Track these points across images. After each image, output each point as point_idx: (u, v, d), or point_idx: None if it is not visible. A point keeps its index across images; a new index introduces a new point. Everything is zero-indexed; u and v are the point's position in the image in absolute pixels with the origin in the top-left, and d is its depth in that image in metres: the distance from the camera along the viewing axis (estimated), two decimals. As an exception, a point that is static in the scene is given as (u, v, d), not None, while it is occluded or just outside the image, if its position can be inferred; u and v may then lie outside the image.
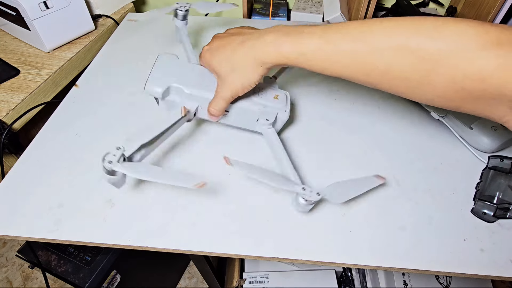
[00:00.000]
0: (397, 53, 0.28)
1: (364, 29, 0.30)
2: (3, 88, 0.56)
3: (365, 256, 0.35)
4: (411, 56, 0.27)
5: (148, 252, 0.37)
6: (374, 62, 0.29)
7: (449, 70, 0.26)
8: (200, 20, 0.71)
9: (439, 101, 0.29)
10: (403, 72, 0.28)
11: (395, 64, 0.28)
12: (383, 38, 0.28)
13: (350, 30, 0.30)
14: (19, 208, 0.39)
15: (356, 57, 0.30)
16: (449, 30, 0.26)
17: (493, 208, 0.38)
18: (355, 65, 0.30)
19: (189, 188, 0.30)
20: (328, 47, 0.31)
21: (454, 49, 0.26)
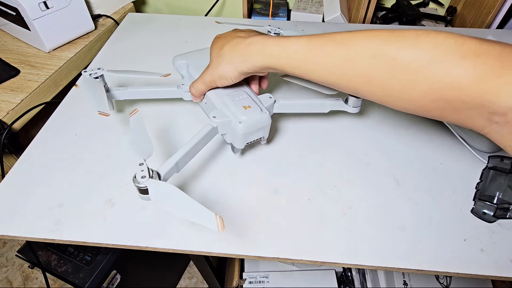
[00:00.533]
0: (376, 59, 0.28)
1: (347, 36, 0.30)
2: (3, 88, 0.56)
3: (365, 256, 0.35)
4: (390, 63, 0.27)
5: (148, 252, 0.37)
6: (356, 68, 0.30)
7: (427, 79, 0.26)
8: (200, 20, 0.71)
9: (420, 111, 0.29)
10: (382, 79, 0.28)
11: (375, 71, 0.28)
12: (363, 43, 0.29)
13: (335, 37, 0.31)
14: (19, 208, 0.39)
15: (338, 62, 0.30)
16: (428, 39, 0.26)
17: (493, 208, 0.38)
18: (338, 70, 0.31)
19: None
20: (313, 51, 0.32)
21: (432, 58, 0.26)
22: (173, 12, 0.94)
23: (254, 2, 0.82)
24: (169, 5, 0.93)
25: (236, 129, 0.38)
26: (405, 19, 0.75)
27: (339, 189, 0.41)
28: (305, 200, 0.40)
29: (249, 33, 0.38)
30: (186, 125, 0.49)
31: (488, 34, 0.55)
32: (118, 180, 0.42)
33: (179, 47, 0.63)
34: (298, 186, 0.41)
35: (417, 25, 0.76)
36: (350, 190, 0.41)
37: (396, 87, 0.28)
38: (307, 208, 0.39)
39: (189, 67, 0.46)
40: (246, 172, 0.43)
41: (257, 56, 0.35)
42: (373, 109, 0.51)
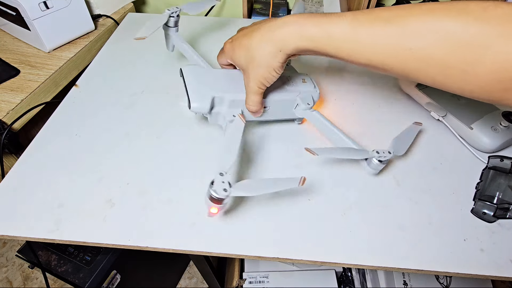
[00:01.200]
0: (437, 36, 0.25)
1: (399, 12, 0.27)
2: (3, 88, 0.56)
3: (365, 256, 0.35)
4: (453, 40, 0.25)
5: (148, 252, 0.37)
6: (411, 47, 0.26)
7: (496, 57, 0.23)
8: (200, 20, 0.71)
9: (480, 93, 0.26)
10: (443, 59, 0.26)
11: (435, 50, 0.26)
12: (421, 20, 0.26)
13: (384, 14, 0.28)
14: (19, 208, 0.39)
15: (390, 41, 0.27)
16: (497, 12, 0.23)
17: (493, 208, 0.38)
18: (388, 50, 0.28)
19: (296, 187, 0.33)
20: (359, 31, 0.28)
21: (502, 33, 0.23)
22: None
23: (254, 2, 0.82)
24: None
25: (315, 99, 0.45)
26: (405, 19, 0.75)
27: (339, 189, 0.41)
28: (305, 200, 0.40)
29: (266, 20, 0.35)
30: (186, 125, 0.49)
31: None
32: (118, 180, 0.42)
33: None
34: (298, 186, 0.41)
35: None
36: (350, 190, 0.41)
37: (458, 67, 0.25)
38: (307, 208, 0.39)
39: (220, 99, 0.40)
40: (246, 172, 0.43)
41: (296, 40, 0.31)
42: (373, 108, 0.51)
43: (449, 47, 0.25)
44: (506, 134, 0.44)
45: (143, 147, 0.45)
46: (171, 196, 0.40)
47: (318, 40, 0.30)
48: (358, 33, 0.29)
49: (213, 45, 0.64)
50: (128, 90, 0.54)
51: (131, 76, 0.57)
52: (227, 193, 0.30)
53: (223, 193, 0.30)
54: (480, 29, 0.24)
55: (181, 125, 0.49)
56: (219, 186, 0.30)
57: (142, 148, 0.45)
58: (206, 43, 0.65)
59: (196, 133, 0.48)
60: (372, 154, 0.39)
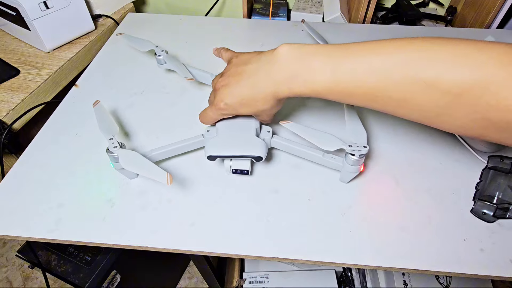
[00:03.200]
0: (413, 86, 0.26)
1: (376, 62, 0.28)
2: (3, 88, 0.56)
3: (365, 256, 0.35)
4: (428, 89, 0.25)
5: (148, 252, 0.37)
6: (390, 95, 0.28)
7: (471, 101, 0.24)
8: (200, 20, 0.71)
9: (459, 131, 0.28)
10: (419, 104, 0.27)
11: (411, 97, 0.27)
12: (397, 69, 0.27)
13: (362, 59, 0.29)
14: (19, 208, 0.39)
15: (370, 89, 0.29)
16: (471, 58, 0.24)
17: (493, 208, 0.38)
18: (370, 96, 0.30)
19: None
20: (341, 84, 0.30)
21: (478, 79, 0.23)
22: (173, 12, 0.94)
23: (254, 2, 0.82)
24: (169, 5, 0.93)
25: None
26: (405, 19, 0.75)
27: (339, 189, 0.41)
28: (305, 200, 0.40)
29: (250, 67, 0.36)
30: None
31: (488, 34, 0.55)
32: (118, 180, 0.42)
33: (179, 47, 0.63)
34: (298, 186, 0.41)
35: (417, 25, 0.76)
36: (350, 190, 0.41)
37: (435, 111, 0.27)
38: (307, 208, 0.39)
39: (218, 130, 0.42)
40: (246, 172, 0.43)
41: (287, 93, 0.34)
42: (372, 110, 0.51)
43: (425, 96, 0.26)
44: (506, 134, 0.44)
45: (143, 147, 0.45)
46: (171, 196, 0.40)
47: (307, 94, 0.33)
48: (340, 85, 0.30)
49: (212, 45, 0.64)
50: (128, 90, 0.54)
51: (131, 76, 0.57)
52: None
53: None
54: (454, 78, 0.24)
55: (181, 125, 0.49)
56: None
57: (142, 148, 0.45)
58: (206, 43, 0.65)
59: (196, 133, 0.47)
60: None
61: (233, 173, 0.41)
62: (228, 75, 0.38)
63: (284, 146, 0.42)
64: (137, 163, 0.37)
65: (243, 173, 0.41)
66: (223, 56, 0.47)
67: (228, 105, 0.37)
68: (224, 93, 0.37)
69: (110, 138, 0.39)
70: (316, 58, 0.31)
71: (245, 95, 0.36)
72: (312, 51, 0.32)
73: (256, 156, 0.39)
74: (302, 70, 0.32)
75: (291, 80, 0.33)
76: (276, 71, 0.34)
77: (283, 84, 0.33)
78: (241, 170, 0.40)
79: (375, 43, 0.30)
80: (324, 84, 0.31)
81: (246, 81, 0.36)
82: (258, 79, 0.35)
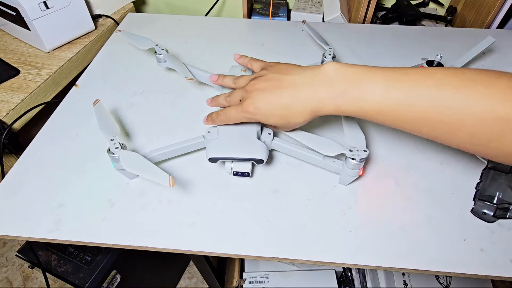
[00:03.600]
0: (468, 114, 0.27)
1: (432, 93, 0.28)
2: (3, 88, 0.56)
3: (365, 256, 0.35)
4: (483, 116, 0.27)
5: (148, 252, 0.37)
6: (442, 119, 0.28)
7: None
8: (200, 20, 0.71)
9: (506, 158, 0.28)
10: (471, 131, 0.28)
11: (464, 124, 0.27)
12: (453, 97, 0.27)
13: (418, 83, 0.29)
14: (19, 208, 0.39)
15: (421, 113, 0.29)
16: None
17: (493, 208, 0.38)
18: (421, 120, 0.29)
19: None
20: (392, 106, 0.30)
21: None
22: (173, 12, 0.94)
23: (254, 2, 0.82)
24: (169, 5, 0.93)
25: None
26: (405, 19, 0.75)
27: (339, 189, 0.41)
28: (305, 200, 0.40)
29: (296, 76, 0.35)
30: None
31: (488, 34, 0.55)
32: (118, 180, 0.42)
33: (179, 47, 0.63)
34: (298, 186, 0.41)
35: (417, 25, 0.76)
36: (350, 190, 0.41)
37: (485, 137, 0.27)
38: (307, 208, 0.39)
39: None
40: (246, 172, 0.43)
41: (331, 110, 0.33)
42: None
43: (480, 124, 0.27)
44: (506, 134, 0.44)
45: (144, 147, 0.45)
46: (171, 196, 0.40)
47: (353, 113, 0.32)
48: (391, 106, 0.30)
49: (213, 45, 0.64)
50: (128, 90, 0.54)
51: (131, 76, 0.57)
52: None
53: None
54: (506, 109, 0.26)
55: (182, 125, 0.49)
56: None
57: (143, 148, 0.45)
58: (206, 43, 0.65)
59: (196, 133, 0.47)
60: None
61: (234, 175, 0.41)
62: (265, 80, 0.37)
63: (284, 148, 0.42)
64: (139, 164, 0.36)
65: (244, 175, 0.41)
66: (253, 66, 0.44)
67: (259, 110, 0.36)
68: (258, 97, 0.36)
69: (111, 139, 0.39)
70: (367, 77, 0.31)
71: (282, 104, 0.35)
72: (363, 71, 0.32)
73: (257, 159, 0.39)
74: (352, 88, 0.31)
75: (339, 97, 0.32)
76: (322, 87, 0.33)
77: (329, 101, 0.32)
78: (242, 172, 0.40)
79: (429, 69, 0.30)
80: (374, 104, 0.30)
81: (286, 91, 0.35)
82: (300, 92, 0.34)
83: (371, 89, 0.30)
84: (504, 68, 0.31)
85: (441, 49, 0.62)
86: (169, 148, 0.41)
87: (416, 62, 0.55)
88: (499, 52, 0.62)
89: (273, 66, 0.39)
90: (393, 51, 0.62)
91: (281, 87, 0.35)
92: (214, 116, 0.41)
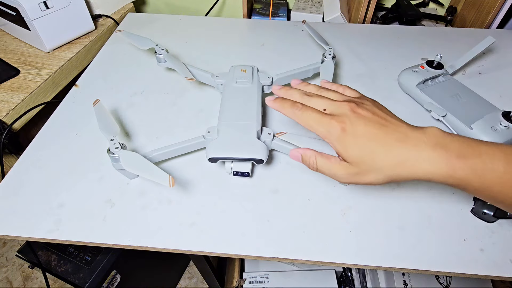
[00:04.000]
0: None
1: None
2: (3, 88, 0.56)
3: (365, 256, 0.35)
4: None
5: (148, 252, 0.37)
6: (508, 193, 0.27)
7: None
8: (200, 20, 0.71)
9: None
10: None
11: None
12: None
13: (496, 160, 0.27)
14: (19, 208, 0.39)
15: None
16: None
17: (493, 208, 0.38)
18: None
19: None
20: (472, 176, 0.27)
21: None
22: (173, 12, 0.94)
23: (254, 2, 0.82)
24: (169, 5, 0.93)
25: None
26: (405, 19, 0.75)
27: (339, 189, 0.41)
28: (305, 200, 0.40)
29: (400, 131, 0.30)
30: (186, 125, 0.49)
31: (488, 34, 0.55)
32: (118, 180, 0.42)
33: (179, 47, 0.63)
34: (298, 186, 0.41)
35: (417, 25, 0.76)
36: (350, 190, 0.41)
37: None
38: (307, 208, 0.39)
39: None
40: (246, 172, 0.43)
41: (436, 177, 0.28)
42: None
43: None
44: (506, 134, 0.44)
45: (144, 147, 0.45)
46: (171, 196, 0.40)
47: (466, 181, 0.28)
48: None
49: (213, 44, 0.64)
50: (128, 90, 0.54)
51: (131, 76, 0.57)
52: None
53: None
54: None
55: (182, 125, 0.49)
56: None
57: (143, 148, 0.45)
58: (206, 43, 0.65)
59: (196, 133, 0.47)
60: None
61: (234, 175, 0.41)
62: (367, 110, 0.31)
63: (284, 148, 0.42)
64: (139, 165, 0.36)
65: (244, 175, 0.41)
66: (345, 91, 0.36)
67: (348, 131, 0.30)
68: (359, 122, 0.30)
69: (111, 139, 0.39)
70: (485, 146, 0.28)
71: (382, 143, 0.29)
72: (476, 140, 0.29)
73: (257, 159, 0.39)
74: (471, 152, 0.28)
75: (457, 159, 0.28)
76: (434, 146, 0.28)
77: (443, 162, 0.28)
78: (242, 172, 0.40)
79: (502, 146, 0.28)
80: (498, 171, 0.27)
81: (393, 132, 0.30)
82: (410, 140, 0.29)
83: (491, 156, 0.27)
84: (504, 68, 0.31)
85: (441, 49, 0.62)
86: (169, 148, 0.41)
87: (416, 62, 0.55)
88: (499, 52, 0.62)
89: (366, 99, 0.34)
90: (393, 51, 0.62)
91: (387, 125, 0.30)
92: (289, 103, 0.33)
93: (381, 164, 0.29)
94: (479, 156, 0.27)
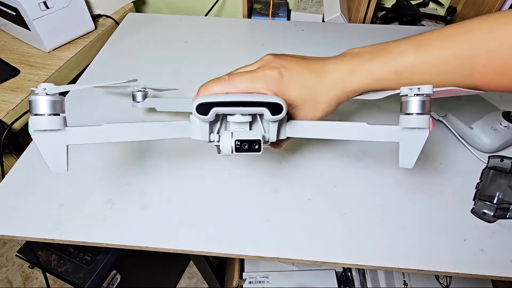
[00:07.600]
0: (508, 51, 0.26)
1: (463, 30, 0.27)
2: (3, 88, 0.56)
3: (365, 256, 0.35)
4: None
5: (148, 252, 0.37)
6: (485, 64, 0.27)
7: None
8: (200, 20, 0.71)
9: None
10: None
11: (508, 62, 0.26)
12: (489, 35, 0.26)
13: (447, 35, 0.28)
14: (19, 208, 0.39)
15: (463, 63, 0.27)
16: None
17: (493, 208, 0.38)
18: (461, 71, 0.28)
19: None
20: (428, 58, 0.28)
21: None
22: (173, 12, 0.93)
23: (254, 2, 0.82)
24: (169, 5, 0.93)
25: None
26: (405, 19, 0.75)
27: (339, 189, 0.41)
28: (305, 200, 0.40)
29: (320, 59, 0.32)
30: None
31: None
32: (118, 180, 0.42)
33: (179, 47, 0.63)
34: (298, 186, 0.41)
35: (417, 25, 0.76)
36: (350, 190, 0.41)
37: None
38: (307, 208, 0.39)
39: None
40: (246, 172, 0.43)
41: (360, 83, 0.30)
42: (372, 109, 0.51)
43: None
44: (506, 134, 0.44)
45: (143, 147, 0.45)
46: (171, 196, 0.40)
47: (385, 78, 0.30)
48: (427, 63, 0.29)
49: (213, 44, 0.64)
50: (128, 89, 0.54)
51: (131, 75, 0.57)
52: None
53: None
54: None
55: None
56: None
57: (142, 148, 0.45)
58: (206, 43, 0.65)
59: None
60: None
61: (236, 151, 0.27)
62: (281, 54, 0.32)
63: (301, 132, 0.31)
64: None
65: (252, 148, 0.26)
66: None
67: (286, 70, 0.30)
68: (286, 61, 0.31)
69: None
70: (390, 43, 0.30)
71: (311, 70, 0.31)
72: (382, 44, 0.31)
73: (274, 104, 0.26)
74: (382, 52, 0.30)
75: (370, 62, 0.30)
76: (351, 59, 0.31)
77: (362, 67, 0.30)
78: (249, 141, 0.26)
79: (445, 29, 0.29)
80: (406, 62, 0.29)
81: (313, 62, 0.32)
82: (329, 64, 0.31)
83: (402, 51, 0.29)
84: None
85: (441, 49, 0.62)
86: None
87: (416, 62, 0.55)
88: (499, 52, 0.62)
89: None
90: (393, 51, 0.62)
91: (307, 59, 0.32)
92: (214, 81, 0.30)
93: (320, 93, 0.31)
94: (389, 53, 0.30)
